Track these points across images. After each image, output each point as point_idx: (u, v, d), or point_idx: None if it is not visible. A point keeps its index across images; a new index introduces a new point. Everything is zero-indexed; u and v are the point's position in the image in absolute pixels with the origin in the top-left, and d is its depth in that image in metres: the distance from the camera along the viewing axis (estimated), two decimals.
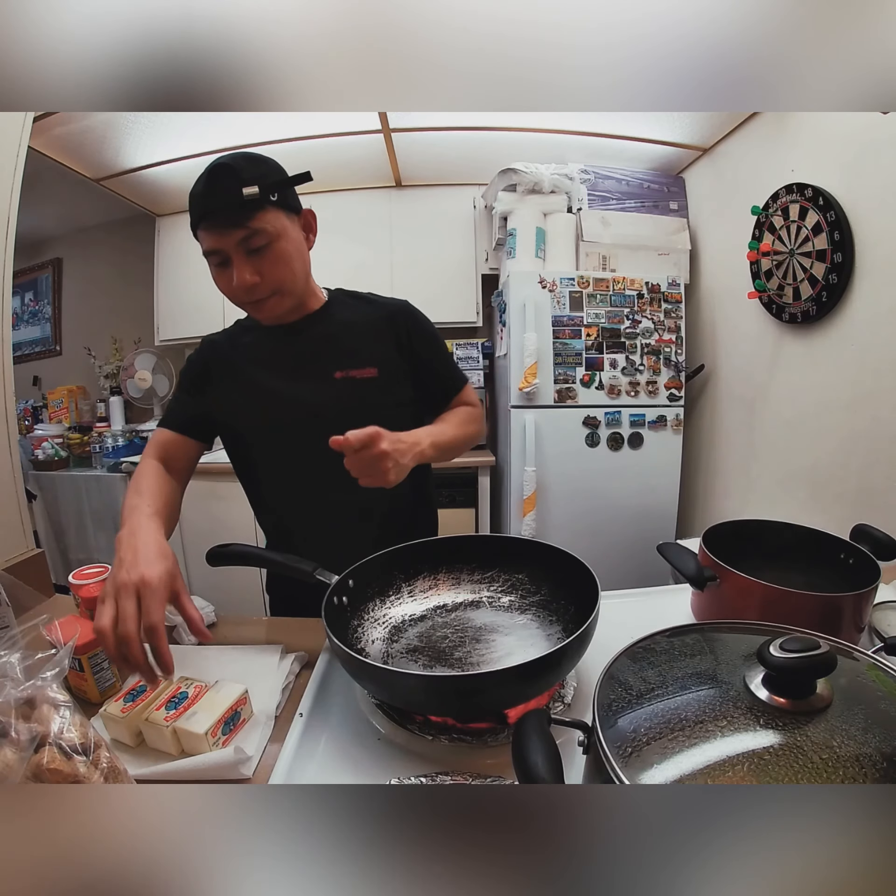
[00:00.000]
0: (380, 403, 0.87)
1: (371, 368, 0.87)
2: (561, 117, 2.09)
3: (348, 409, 0.82)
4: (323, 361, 0.87)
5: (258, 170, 0.74)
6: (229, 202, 0.71)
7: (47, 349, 3.32)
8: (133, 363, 2.87)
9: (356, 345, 0.88)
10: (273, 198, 0.74)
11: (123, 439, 2.82)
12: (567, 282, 2.17)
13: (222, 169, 0.72)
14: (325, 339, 0.88)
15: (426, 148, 2.30)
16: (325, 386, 0.86)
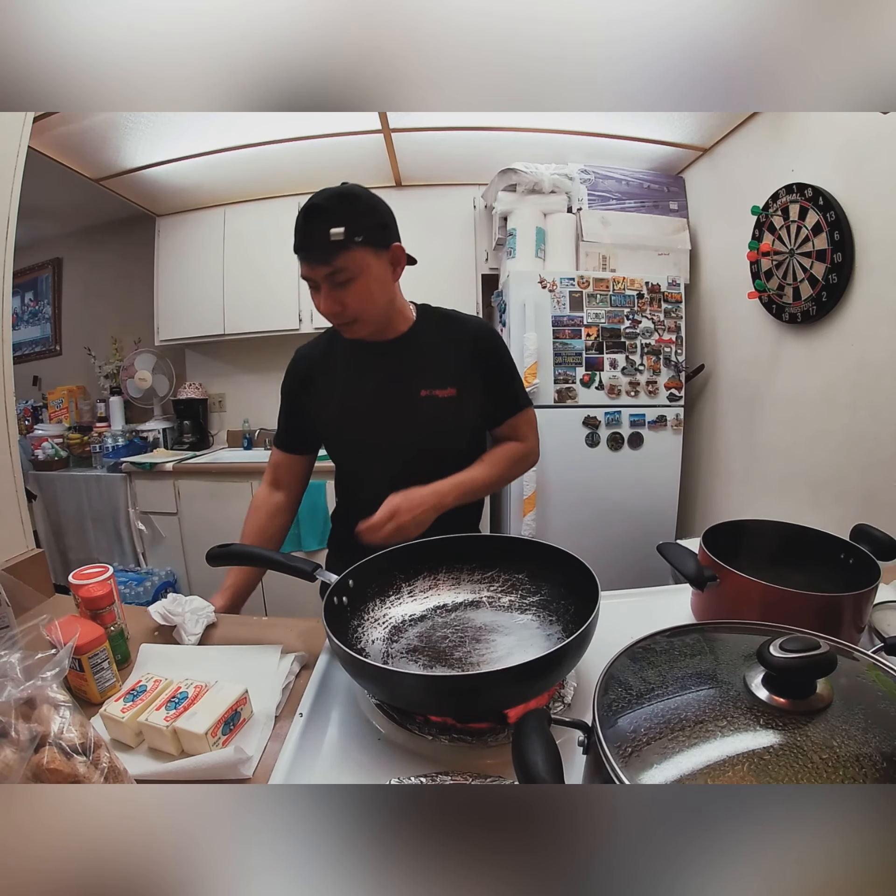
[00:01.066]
0: (458, 420, 0.96)
1: (451, 388, 0.94)
2: (561, 117, 2.08)
3: (430, 424, 0.94)
4: (410, 380, 0.94)
5: (348, 212, 0.81)
6: (319, 242, 0.79)
7: (47, 349, 3.32)
8: (133, 363, 2.87)
9: (439, 365, 0.95)
10: (358, 239, 0.80)
11: (123, 439, 2.81)
12: (567, 282, 2.17)
13: (315, 210, 0.80)
14: (414, 360, 0.95)
15: (426, 148, 2.30)
16: (411, 404, 0.94)
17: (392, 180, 2.60)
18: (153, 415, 3.00)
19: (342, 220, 0.79)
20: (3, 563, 0.97)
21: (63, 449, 2.84)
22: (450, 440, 0.96)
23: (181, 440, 2.95)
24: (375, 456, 0.97)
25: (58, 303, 3.27)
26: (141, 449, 2.81)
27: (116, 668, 0.72)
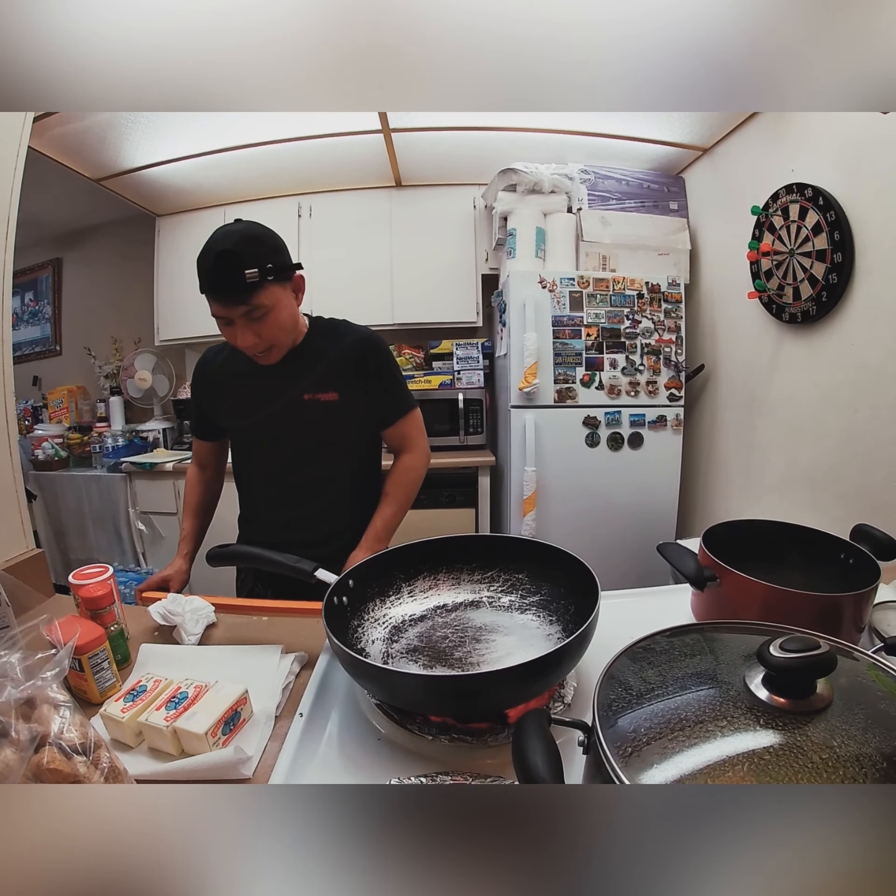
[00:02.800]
0: (339, 421, 1.04)
1: (333, 393, 1.02)
2: (561, 117, 2.08)
3: (314, 425, 1.03)
4: (296, 387, 1.03)
5: (258, 254, 0.87)
6: (235, 285, 0.86)
7: (47, 349, 3.32)
8: (133, 363, 2.87)
9: (323, 373, 1.03)
10: (270, 278, 0.88)
11: (123, 439, 2.81)
12: (567, 282, 2.17)
13: (229, 256, 0.85)
14: (300, 369, 1.03)
15: (426, 148, 2.30)
16: (296, 406, 1.02)
17: (392, 180, 2.60)
18: (153, 415, 3.00)
19: (253, 263, 0.86)
20: (3, 563, 0.97)
21: (63, 449, 2.84)
22: (334, 439, 1.05)
23: (181, 440, 2.95)
24: (267, 456, 1.08)
25: (58, 303, 3.27)
26: (141, 449, 2.81)
27: (116, 668, 0.72)
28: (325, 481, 1.06)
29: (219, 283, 0.87)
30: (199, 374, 1.11)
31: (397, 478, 1.12)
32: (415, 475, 1.14)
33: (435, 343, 2.79)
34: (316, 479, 1.05)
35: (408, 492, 1.13)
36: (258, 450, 1.09)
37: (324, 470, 1.06)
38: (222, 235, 0.87)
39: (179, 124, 2.02)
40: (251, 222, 0.92)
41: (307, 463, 1.05)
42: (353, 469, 1.10)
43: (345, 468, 1.08)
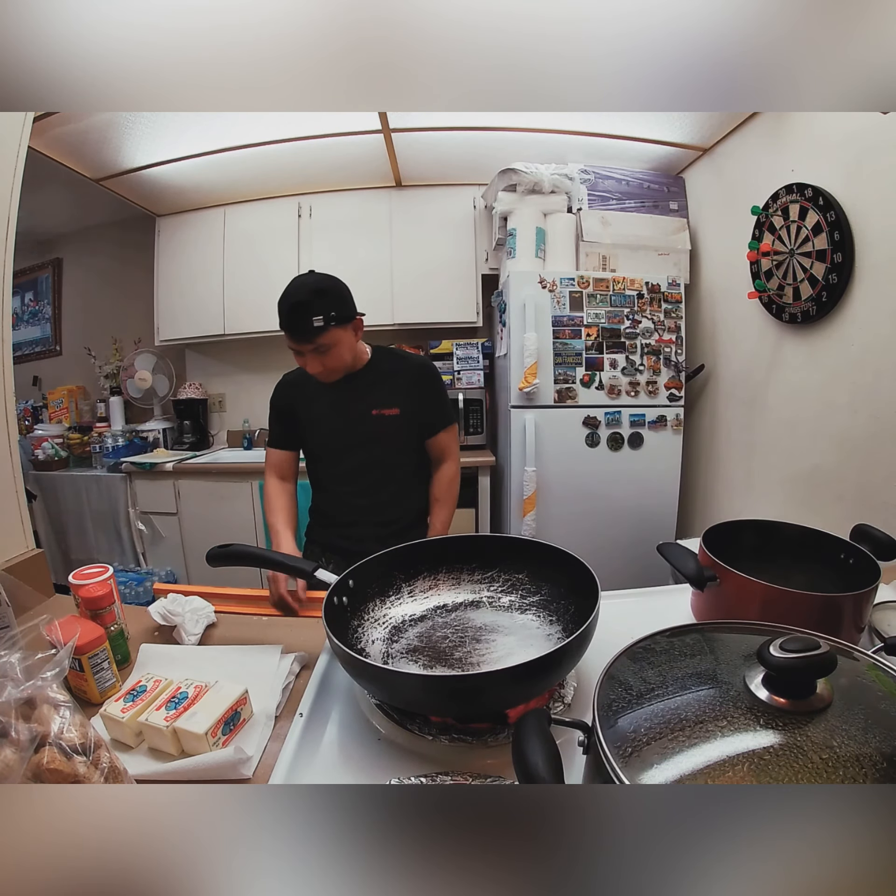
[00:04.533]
0: (401, 431, 1.25)
1: (395, 408, 1.23)
2: (561, 117, 2.08)
3: (381, 435, 1.23)
4: (364, 403, 1.23)
5: (324, 304, 1.07)
6: (305, 329, 1.06)
7: (47, 349, 3.32)
8: (133, 363, 2.87)
9: (387, 392, 1.24)
10: (333, 323, 1.07)
11: (123, 439, 2.81)
12: (567, 282, 2.17)
13: (301, 307, 1.06)
14: (367, 388, 1.24)
15: (426, 148, 2.30)
16: (366, 420, 1.23)
17: (392, 180, 2.60)
18: (153, 415, 3.00)
19: (320, 312, 1.05)
20: (3, 563, 0.97)
21: (63, 449, 2.84)
22: (396, 448, 1.27)
23: (181, 440, 2.95)
24: (339, 460, 1.28)
25: (58, 303, 3.27)
26: (141, 449, 2.81)
27: (116, 668, 0.72)
28: (390, 477, 1.27)
29: (293, 327, 1.07)
30: (282, 390, 1.31)
31: (443, 485, 1.33)
32: (456, 482, 1.36)
33: (435, 343, 2.79)
34: (384, 475, 1.26)
35: (454, 495, 1.34)
36: (337, 454, 1.28)
37: (390, 468, 1.27)
38: (298, 286, 1.08)
39: (179, 124, 2.02)
40: (322, 276, 1.12)
41: (377, 463, 1.25)
42: (412, 466, 1.31)
43: (406, 466, 1.30)
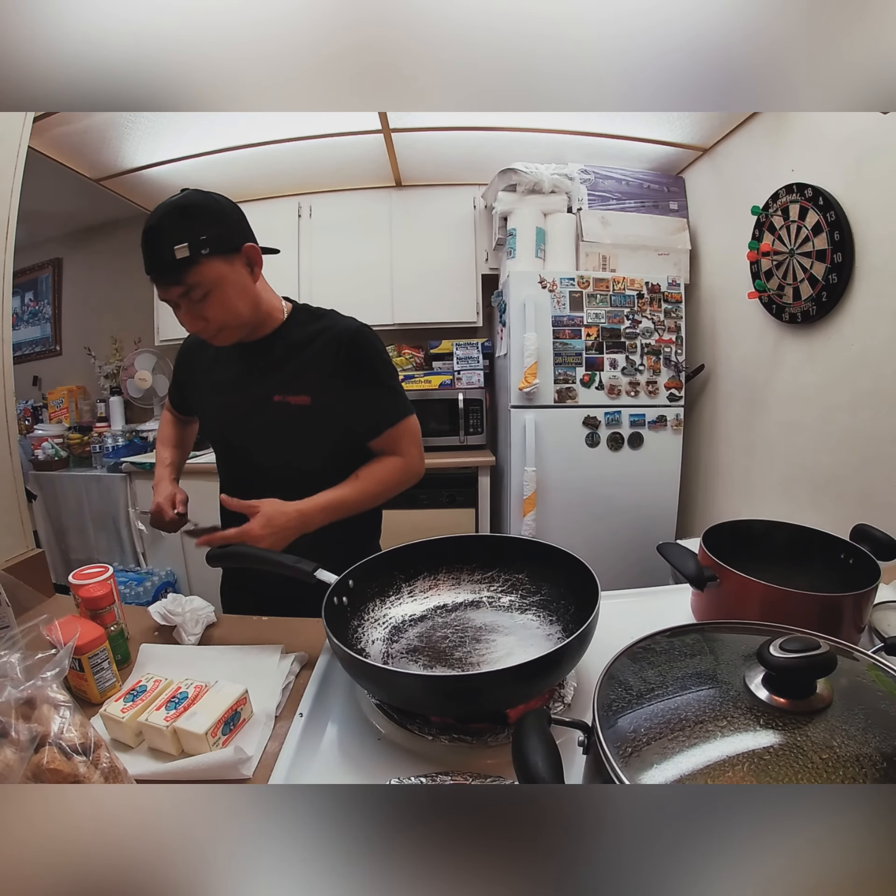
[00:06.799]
0: (311, 428, 0.91)
1: (304, 396, 0.90)
2: (561, 117, 2.08)
3: (282, 431, 0.91)
4: (266, 385, 0.92)
5: (188, 226, 0.76)
6: (165, 263, 0.76)
7: (47, 349, 3.31)
8: (133, 363, 2.87)
9: (296, 371, 0.91)
10: (204, 251, 0.77)
11: (123, 439, 2.81)
12: (567, 282, 2.17)
13: (152, 234, 0.76)
14: (271, 365, 0.92)
15: (426, 148, 2.30)
16: (265, 407, 0.91)
17: (392, 180, 2.60)
18: (153, 415, 3.00)
19: (183, 237, 0.75)
20: (3, 563, 0.97)
21: (63, 449, 2.84)
22: (304, 450, 0.92)
23: None
24: (236, 458, 0.98)
25: (58, 303, 3.27)
26: (141, 449, 2.81)
27: (116, 668, 0.72)
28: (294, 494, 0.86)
29: (149, 261, 0.77)
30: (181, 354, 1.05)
31: (373, 467, 0.94)
32: (395, 471, 0.95)
33: (435, 343, 2.79)
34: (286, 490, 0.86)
35: (379, 488, 0.93)
36: (226, 454, 1.00)
37: (292, 482, 0.88)
38: (154, 210, 0.77)
39: (179, 124, 2.02)
40: (192, 191, 0.80)
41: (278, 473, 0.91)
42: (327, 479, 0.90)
43: (317, 478, 0.89)
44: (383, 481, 0.94)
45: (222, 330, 0.85)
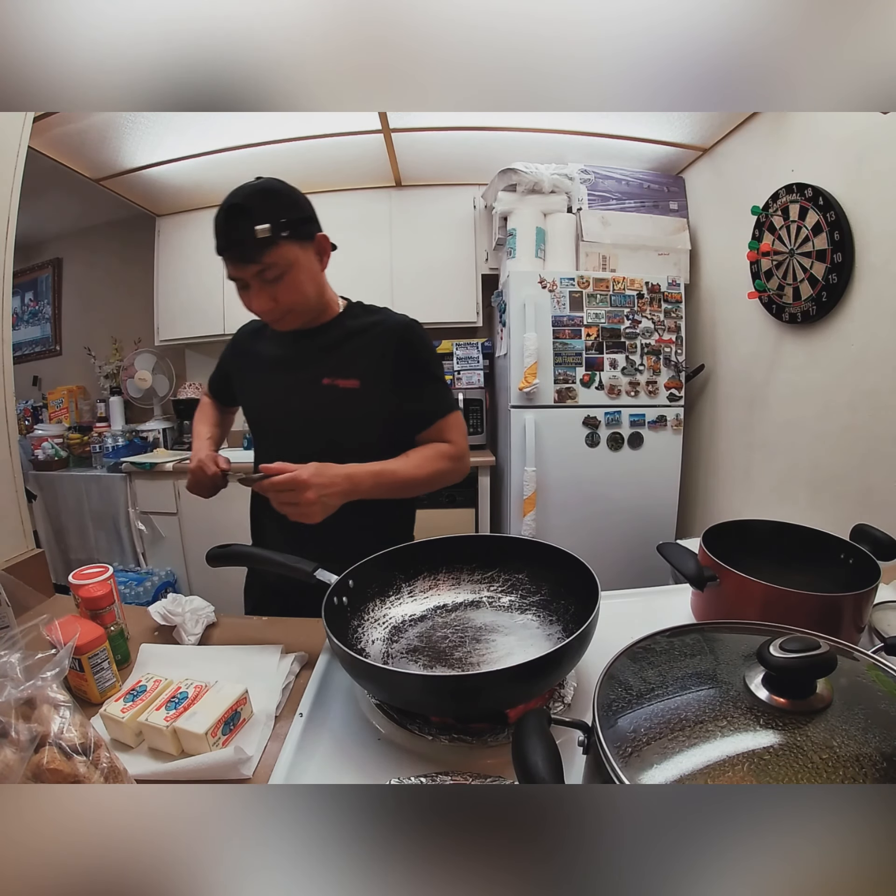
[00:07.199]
0: (356, 412, 0.92)
1: (354, 380, 0.91)
2: (561, 117, 2.08)
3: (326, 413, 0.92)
4: (316, 368, 0.93)
5: (271, 208, 0.80)
6: (244, 241, 0.79)
7: (47, 349, 3.32)
8: (133, 363, 2.87)
9: (348, 356, 0.93)
10: (284, 234, 0.80)
11: (123, 439, 2.81)
12: (567, 282, 2.17)
13: (236, 210, 0.79)
14: (322, 349, 0.94)
15: (426, 148, 2.30)
16: (312, 389, 0.92)
17: (392, 180, 2.60)
18: (153, 415, 3.00)
19: (266, 217, 0.79)
20: (3, 563, 0.97)
21: (63, 449, 2.84)
22: (349, 434, 0.91)
23: (181, 440, 2.95)
24: (279, 441, 0.97)
25: (58, 303, 3.27)
26: (141, 449, 2.81)
27: (116, 668, 0.72)
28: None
29: (229, 240, 0.80)
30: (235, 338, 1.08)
31: (425, 449, 0.92)
32: (447, 456, 0.93)
33: (435, 343, 2.79)
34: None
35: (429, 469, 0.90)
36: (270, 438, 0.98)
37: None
38: (236, 190, 0.81)
39: (179, 124, 2.02)
40: (271, 178, 0.84)
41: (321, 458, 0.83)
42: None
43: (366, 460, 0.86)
44: (434, 464, 0.92)
45: (289, 313, 0.87)
